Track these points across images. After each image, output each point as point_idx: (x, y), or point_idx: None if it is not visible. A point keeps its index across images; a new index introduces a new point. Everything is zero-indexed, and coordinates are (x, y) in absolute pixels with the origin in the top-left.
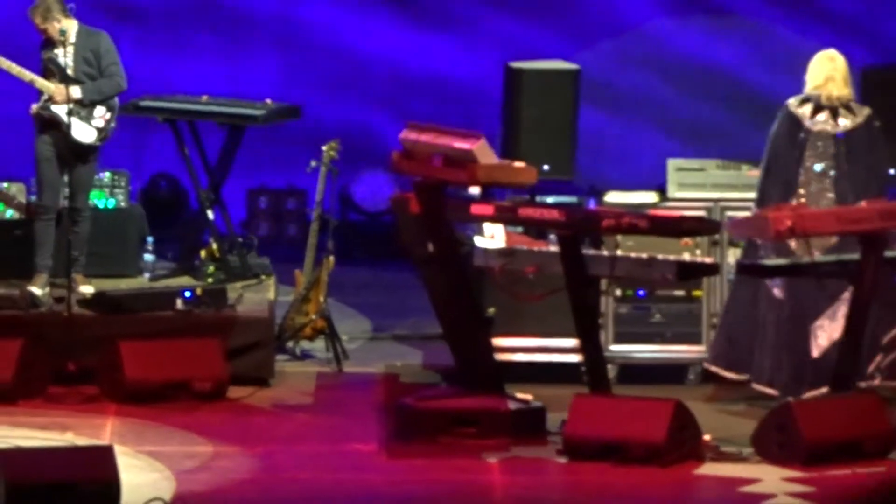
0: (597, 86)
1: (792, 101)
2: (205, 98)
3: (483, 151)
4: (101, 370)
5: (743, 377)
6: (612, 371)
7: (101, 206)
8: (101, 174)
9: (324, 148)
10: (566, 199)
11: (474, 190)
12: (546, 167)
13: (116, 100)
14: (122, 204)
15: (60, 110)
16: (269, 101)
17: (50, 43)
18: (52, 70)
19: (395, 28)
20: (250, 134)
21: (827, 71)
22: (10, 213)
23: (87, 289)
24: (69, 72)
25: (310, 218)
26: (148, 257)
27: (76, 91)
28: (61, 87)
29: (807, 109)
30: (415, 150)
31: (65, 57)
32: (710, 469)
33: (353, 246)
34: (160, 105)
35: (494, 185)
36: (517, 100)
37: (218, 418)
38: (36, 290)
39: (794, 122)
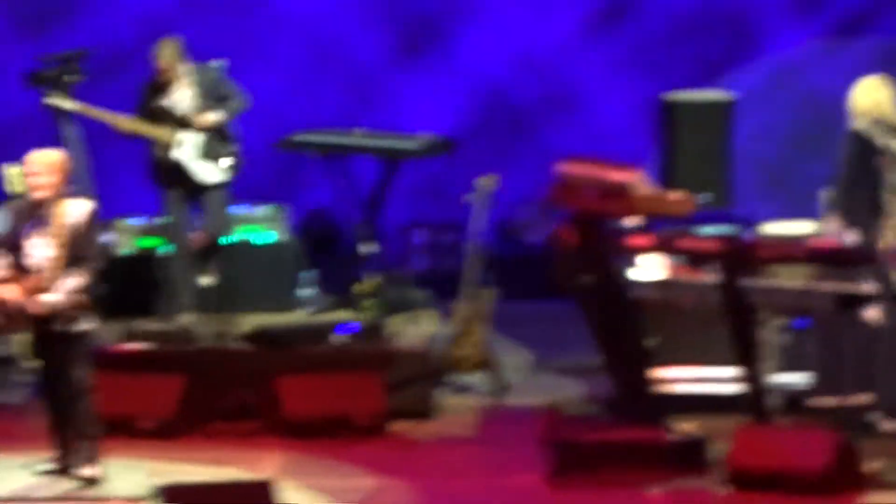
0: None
1: (861, 126)
2: (358, 131)
3: (640, 183)
4: (261, 405)
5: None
6: (775, 401)
7: (258, 240)
8: (259, 208)
9: (480, 181)
10: (723, 230)
11: (632, 221)
12: (703, 197)
13: (238, 130)
14: (280, 238)
15: (182, 155)
16: (423, 133)
17: (160, 87)
18: (163, 116)
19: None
20: (407, 167)
21: (878, 97)
22: (163, 250)
23: (245, 329)
24: (188, 109)
25: (467, 251)
26: (306, 292)
27: (215, 115)
28: (185, 131)
29: (877, 131)
30: (572, 183)
31: (183, 96)
32: (875, 498)
33: (512, 279)
34: (314, 140)
35: (651, 216)
36: (672, 131)
37: (379, 452)
38: None
39: (868, 145)
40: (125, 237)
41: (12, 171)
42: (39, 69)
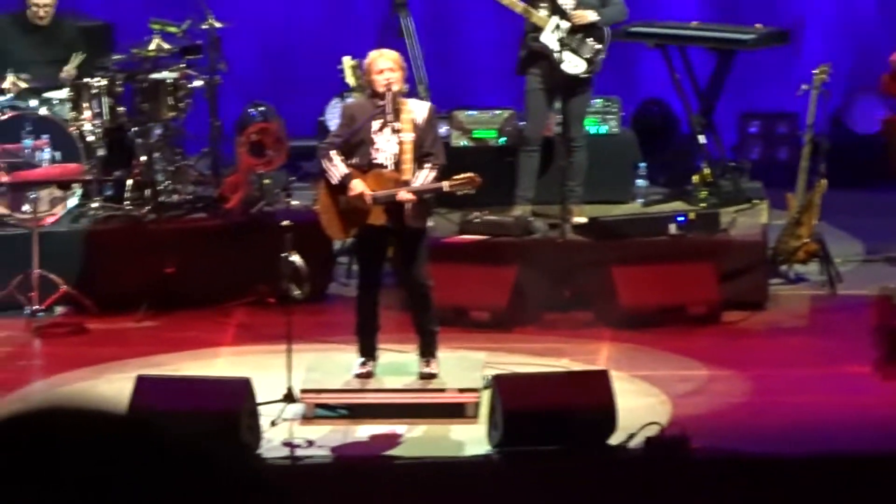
0: None
1: None
2: (695, 23)
3: None
4: (596, 296)
5: None
6: None
7: (592, 132)
8: (593, 101)
9: (815, 71)
10: None
11: None
12: None
13: (609, 32)
14: (614, 130)
15: (550, 42)
16: (759, 25)
17: None
18: (540, 2)
19: None
20: (741, 58)
21: None
22: (502, 140)
23: (580, 220)
24: (569, 2)
25: (801, 141)
26: (640, 182)
27: (593, 14)
28: (556, 17)
29: None
30: None
31: None
32: None
33: (845, 169)
34: (651, 31)
35: None
36: None
37: (712, 342)
38: None
39: None
40: (461, 129)
41: (350, 64)
42: None
